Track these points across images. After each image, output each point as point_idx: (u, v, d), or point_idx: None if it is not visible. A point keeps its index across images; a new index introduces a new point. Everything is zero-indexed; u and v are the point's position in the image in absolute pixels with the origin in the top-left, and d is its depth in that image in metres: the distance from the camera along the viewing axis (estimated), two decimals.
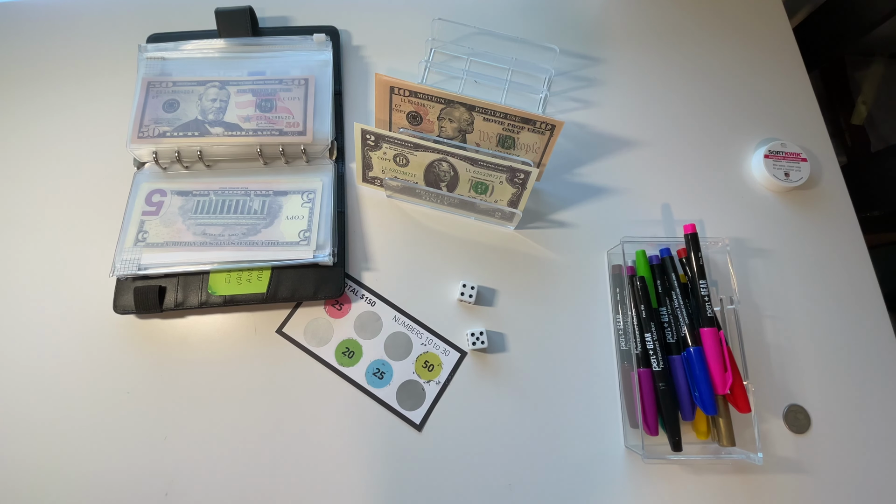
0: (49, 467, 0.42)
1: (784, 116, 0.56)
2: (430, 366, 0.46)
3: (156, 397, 0.44)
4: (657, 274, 0.46)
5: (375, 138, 0.45)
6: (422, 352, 0.46)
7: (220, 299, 0.45)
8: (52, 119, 0.53)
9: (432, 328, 0.47)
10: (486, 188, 0.46)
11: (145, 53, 0.52)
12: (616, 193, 0.52)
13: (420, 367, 0.46)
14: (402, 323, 0.47)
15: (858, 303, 0.49)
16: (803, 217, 0.52)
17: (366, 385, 0.45)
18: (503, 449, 0.44)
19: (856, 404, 0.46)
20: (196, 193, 0.48)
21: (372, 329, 0.47)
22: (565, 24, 0.59)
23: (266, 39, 0.54)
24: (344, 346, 0.46)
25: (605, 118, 0.55)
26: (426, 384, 0.45)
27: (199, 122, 0.49)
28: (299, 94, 0.51)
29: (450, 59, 0.57)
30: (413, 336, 0.47)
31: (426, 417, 0.44)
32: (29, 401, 0.44)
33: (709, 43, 0.59)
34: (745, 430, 0.43)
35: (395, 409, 0.44)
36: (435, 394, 0.45)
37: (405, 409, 0.44)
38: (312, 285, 0.46)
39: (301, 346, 0.46)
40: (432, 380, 0.45)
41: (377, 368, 0.45)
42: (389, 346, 0.46)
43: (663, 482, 0.43)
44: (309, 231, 0.47)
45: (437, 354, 0.46)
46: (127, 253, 0.45)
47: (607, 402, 0.45)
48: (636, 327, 0.44)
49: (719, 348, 0.43)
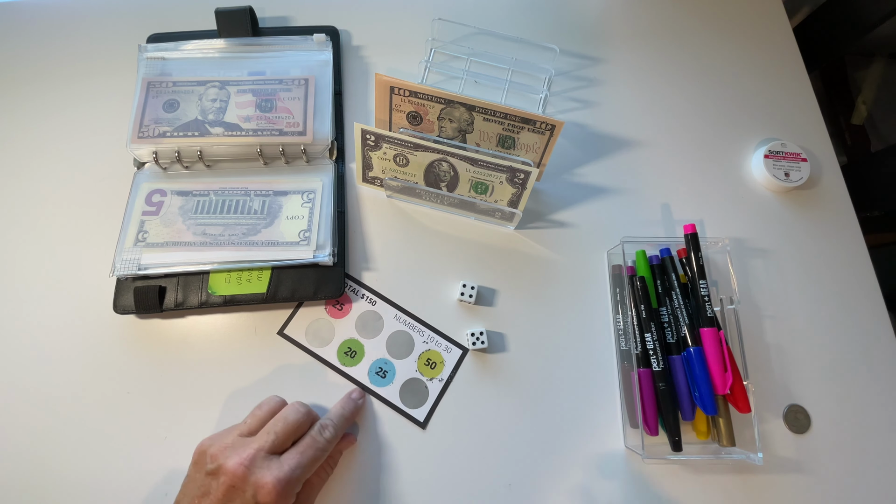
0: (49, 467, 0.42)
1: (784, 116, 0.56)
2: (432, 363, 0.46)
3: (156, 397, 0.44)
4: (657, 274, 0.46)
5: (375, 138, 0.45)
6: (424, 350, 0.46)
7: (220, 299, 0.45)
8: (53, 119, 0.53)
9: (433, 325, 0.47)
10: (486, 188, 0.46)
11: (145, 53, 0.52)
12: (616, 193, 0.52)
13: (422, 365, 0.46)
14: (404, 321, 0.47)
15: (858, 303, 0.49)
16: (803, 217, 0.52)
17: (369, 384, 0.45)
18: (503, 448, 0.44)
19: (856, 404, 0.46)
20: (196, 193, 0.48)
21: (373, 328, 0.47)
22: (565, 24, 0.59)
23: (266, 39, 0.54)
24: (346, 346, 0.46)
25: (605, 118, 0.55)
26: (429, 382, 0.45)
27: (199, 122, 0.49)
28: (299, 94, 0.51)
29: (450, 59, 0.57)
30: (414, 334, 0.47)
31: (430, 415, 0.44)
32: (29, 401, 0.44)
33: (709, 43, 0.59)
34: (745, 430, 0.43)
35: (398, 407, 0.44)
36: (438, 391, 0.45)
37: (409, 408, 0.44)
38: (312, 285, 0.46)
39: (303, 347, 0.46)
40: (435, 377, 0.45)
41: (380, 367, 0.45)
42: (391, 345, 0.46)
43: (663, 482, 0.43)
44: (309, 231, 0.47)
45: (438, 352, 0.46)
46: (127, 253, 0.45)
47: (607, 402, 0.45)
48: (636, 327, 0.44)
49: (719, 348, 0.43)
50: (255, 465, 0.34)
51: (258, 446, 0.35)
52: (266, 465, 0.34)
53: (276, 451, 0.36)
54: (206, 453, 0.36)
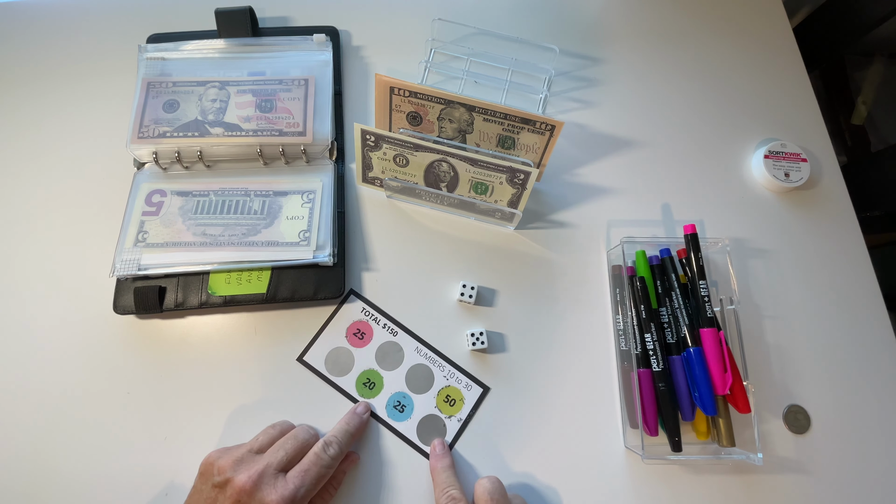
0: (49, 467, 0.42)
1: (784, 116, 0.56)
2: (451, 400, 0.45)
3: (156, 397, 0.44)
4: (657, 274, 0.46)
5: (375, 138, 0.45)
6: (444, 385, 0.45)
7: (220, 299, 0.45)
8: (53, 119, 0.53)
9: (455, 361, 0.46)
10: (486, 188, 0.46)
11: (145, 54, 0.52)
12: (616, 193, 0.52)
13: (441, 402, 0.45)
14: (424, 354, 0.46)
15: (858, 303, 0.49)
16: (803, 217, 0.52)
17: (386, 418, 0.44)
18: (503, 447, 0.44)
19: (856, 404, 0.46)
20: (196, 194, 0.48)
21: (393, 360, 0.46)
22: (565, 24, 0.59)
23: (266, 40, 0.54)
24: (365, 376, 0.45)
25: (605, 118, 0.55)
26: (447, 420, 0.44)
27: (199, 122, 0.49)
28: (299, 95, 0.51)
29: (450, 60, 0.57)
30: (435, 368, 0.45)
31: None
32: (29, 401, 0.44)
33: (709, 43, 0.59)
34: (745, 431, 0.43)
35: (415, 444, 0.43)
36: (456, 431, 0.44)
37: (426, 445, 0.43)
38: (312, 285, 0.46)
39: (322, 376, 0.45)
40: (454, 415, 0.44)
41: (398, 401, 0.44)
42: (411, 378, 0.45)
43: (663, 482, 0.43)
44: (309, 231, 0.47)
45: (459, 389, 0.45)
46: (127, 253, 0.45)
47: (607, 403, 0.45)
48: (636, 328, 0.44)
49: (719, 349, 0.43)
50: (262, 481, 0.34)
51: (267, 462, 0.35)
52: (273, 482, 0.34)
53: (285, 469, 0.36)
54: (213, 465, 0.36)
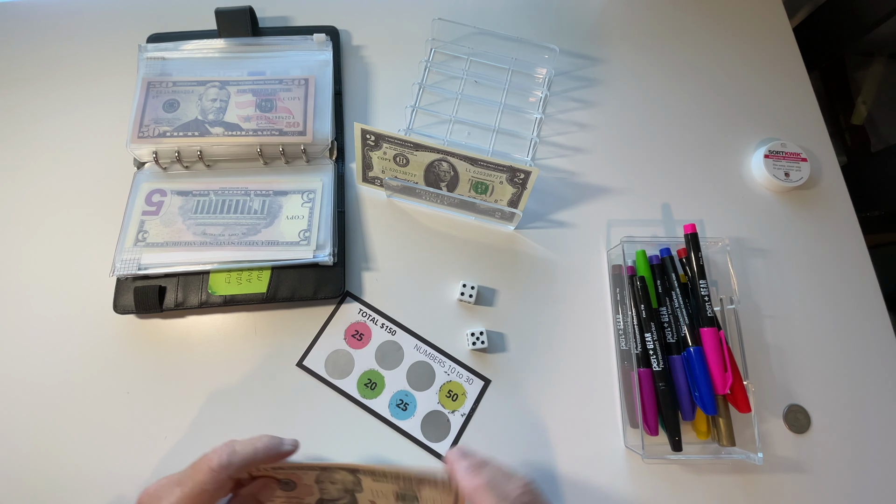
0: (49, 467, 0.42)
1: (784, 116, 0.56)
2: (454, 395, 0.45)
3: (156, 397, 0.44)
4: (657, 274, 0.46)
5: (375, 138, 0.45)
6: (445, 381, 0.45)
7: (220, 299, 0.45)
8: (53, 119, 0.53)
9: (454, 356, 0.46)
10: (487, 188, 0.46)
11: (145, 53, 0.52)
12: (616, 193, 0.52)
13: (444, 397, 0.45)
14: (424, 352, 0.46)
15: (858, 303, 0.49)
16: (803, 217, 0.52)
17: (389, 417, 0.44)
18: (503, 447, 0.44)
19: (856, 404, 0.46)
20: (196, 193, 0.48)
21: (394, 359, 0.46)
22: (565, 24, 0.59)
23: (266, 39, 0.54)
24: (366, 377, 0.45)
25: (605, 118, 0.55)
26: (451, 414, 0.44)
27: (199, 122, 0.49)
28: (299, 94, 0.51)
29: (450, 59, 0.57)
30: (435, 365, 0.46)
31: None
32: (29, 400, 0.44)
33: (709, 43, 0.59)
34: (745, 430, 0.43)
35: (421, 441, 0.43)
36: (460, 425, 0.44)
37: (431, 441, 0.43)
38: (312, 285, 0.46)
39: (322, 379, 0.45)
40: (457, 410, 0.44)
41: (400, 399, 0.44)
42: (412, 376, 0.45)
43: (663, 482, 0.43)
44: (309, 231, 0.47)
45: (460, 383, 0.45)
46: (127, 253, 0.45)
47: (607, 402, 0.45)
48: (636, 327, 0.44)
49: (719, 348, 0.43)
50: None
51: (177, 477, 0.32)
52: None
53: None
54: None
